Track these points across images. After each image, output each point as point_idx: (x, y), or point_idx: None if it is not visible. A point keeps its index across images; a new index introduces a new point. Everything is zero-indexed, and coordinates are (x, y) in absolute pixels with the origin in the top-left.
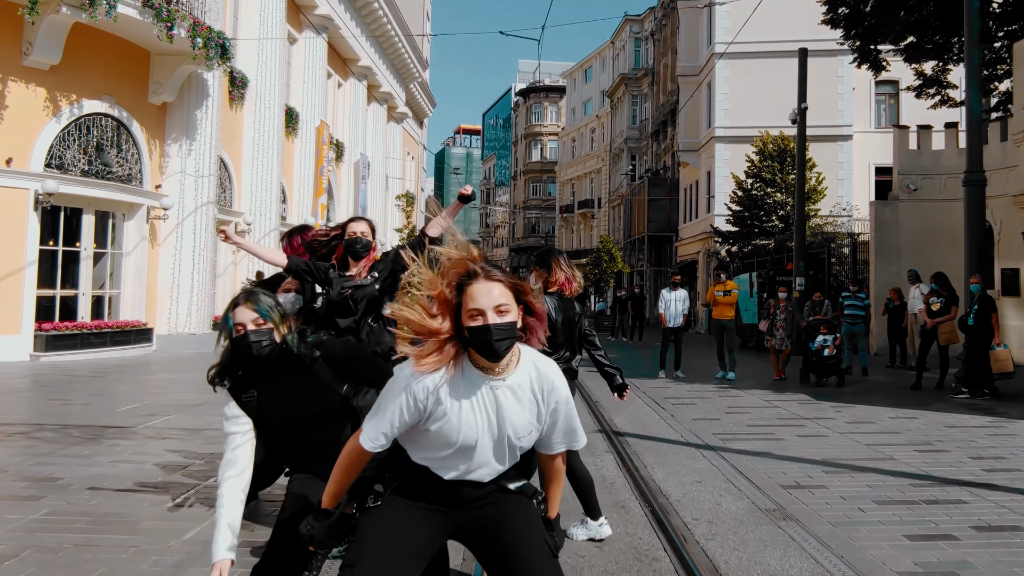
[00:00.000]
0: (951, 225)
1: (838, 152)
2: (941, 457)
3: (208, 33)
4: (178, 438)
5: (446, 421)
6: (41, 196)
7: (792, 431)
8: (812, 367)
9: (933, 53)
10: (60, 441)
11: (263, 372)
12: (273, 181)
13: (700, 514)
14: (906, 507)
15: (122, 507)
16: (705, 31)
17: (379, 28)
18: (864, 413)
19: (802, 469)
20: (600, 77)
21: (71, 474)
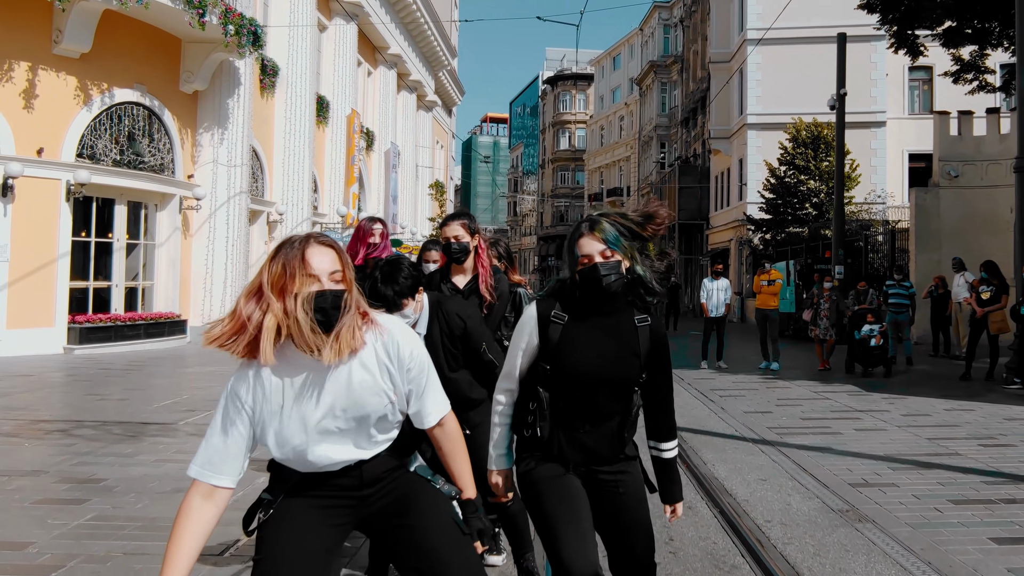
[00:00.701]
0: (993, 212)
1: (871, 139)
2: (1008, 452)
3: (240, 20)
4: None
5: None
6: (73, 187)
7: (848, 424)
8: (858, 357)
9: (972, 38)
10: (101, 439)
11: (591, 306)
12: (305, 170)
13: (771, 515)
14: (984, 507)
15: (170, 511)
16: (737, 17)
17: (408, 15)
18: (918, 405)
19: (867, 466)
20: (628, 65)
21: (115, 475)
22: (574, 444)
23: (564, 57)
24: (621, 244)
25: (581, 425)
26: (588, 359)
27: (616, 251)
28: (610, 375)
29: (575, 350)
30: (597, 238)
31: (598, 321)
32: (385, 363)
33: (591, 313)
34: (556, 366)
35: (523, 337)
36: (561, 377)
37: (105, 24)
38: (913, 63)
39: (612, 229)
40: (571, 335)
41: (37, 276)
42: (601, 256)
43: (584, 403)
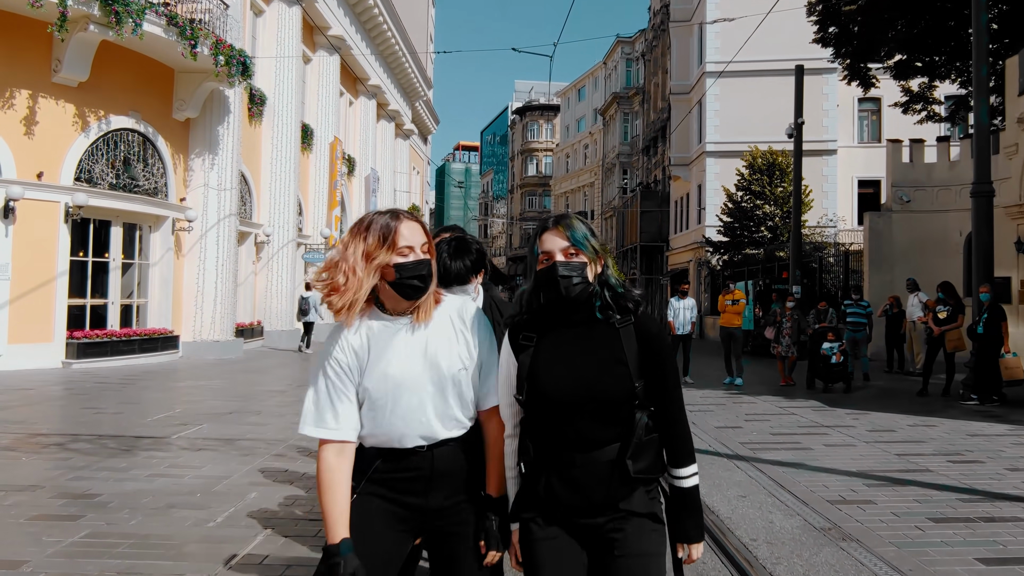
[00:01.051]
0: (943, 235)
1: (823, 166)
2: (978, 469)
3: (230, 51)
4: (212, 449)
5: None
6: (71, 209)
7: (817, 440)
8: (819, 373)
9: (922, 71)
10: (96, 453)
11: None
12: (290, 194)
13: (756, 533)
14: (964, 525)
15: (164, 527)
16: (696, 51)
17: (387, 48)
18: (882, 420)
19: (842, 482)
20: (593, 96)
21: (109, 490)
22: (566, 484)
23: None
24: (588, 244)
25: (570, 460)
26: (559, 378)
27: (582, 251)
28: (589, 393)
29: (545, 371)
30: (561, 234)
31: (568, 332)
32: (460, 328)
33: (559, 324)
34: (528, 394)
35: (503, 372)
36: (535, 406)
37: (102, 54)
38: (865, 94)
39: (581, 227)
40: (541, 355)
41: (37, 294)
42: (563, 254)
43: (567, 433)
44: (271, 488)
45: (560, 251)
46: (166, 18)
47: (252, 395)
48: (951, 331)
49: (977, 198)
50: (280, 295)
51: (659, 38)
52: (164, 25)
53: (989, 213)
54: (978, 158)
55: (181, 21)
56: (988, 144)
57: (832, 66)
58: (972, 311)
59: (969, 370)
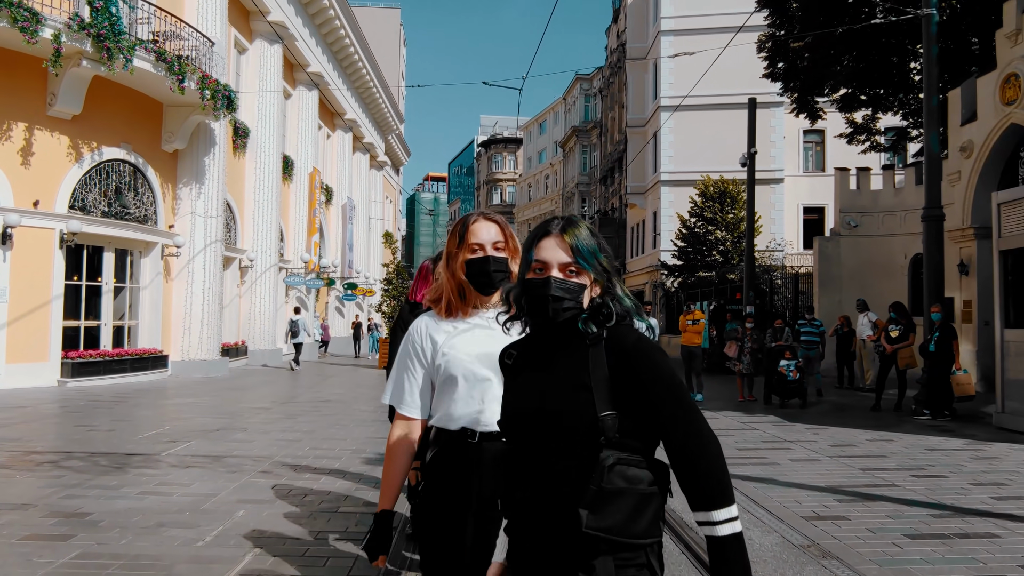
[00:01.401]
0: (888, 258)
1: (771, 194)
2: (943, 483)
3: (215, 86)
4: (201, 466)
5: None
6: (66, 235)
7: (783, 455)
8: (776, 389)
9: (867, 103)
10: (88, 471)
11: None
12: (272, 222)
13: None
14: (941, 542)
15: (153, 547)
16: (651, 87)
17: (363, 85)
18: (842, 435)
19: (813, 498)
20: (553, 129)
21: (100, 508)
22: (524, 541)
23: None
24: (596, 261)
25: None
26: (528, 401)
27: (585, 269)
28: (548, 421)
29: (517, 394)
30: (564, 245)
31: (549, 350)
32: None
33: (543, 340)
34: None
35: None
36: (505, 431)
37: (95, 89)
38: (812, 126)
39: (590, 239)
40: (518, 375)
41: (33, 316)
42: (561, 271)
43: (526, 473)
44: (259, 506)
45: (558, 266)
46: (155, 54)
47: (238, 412)
48: (903, 349)
49: (928, 222)
50: (263, 316)
51: (616, 75)
52: (153, 61)
53: (940, 236)
54: (928, 184)
55: (169, 57)
56: (939, 170)
57: (779, 100)
58: (923, 330)
59: (921, 386)
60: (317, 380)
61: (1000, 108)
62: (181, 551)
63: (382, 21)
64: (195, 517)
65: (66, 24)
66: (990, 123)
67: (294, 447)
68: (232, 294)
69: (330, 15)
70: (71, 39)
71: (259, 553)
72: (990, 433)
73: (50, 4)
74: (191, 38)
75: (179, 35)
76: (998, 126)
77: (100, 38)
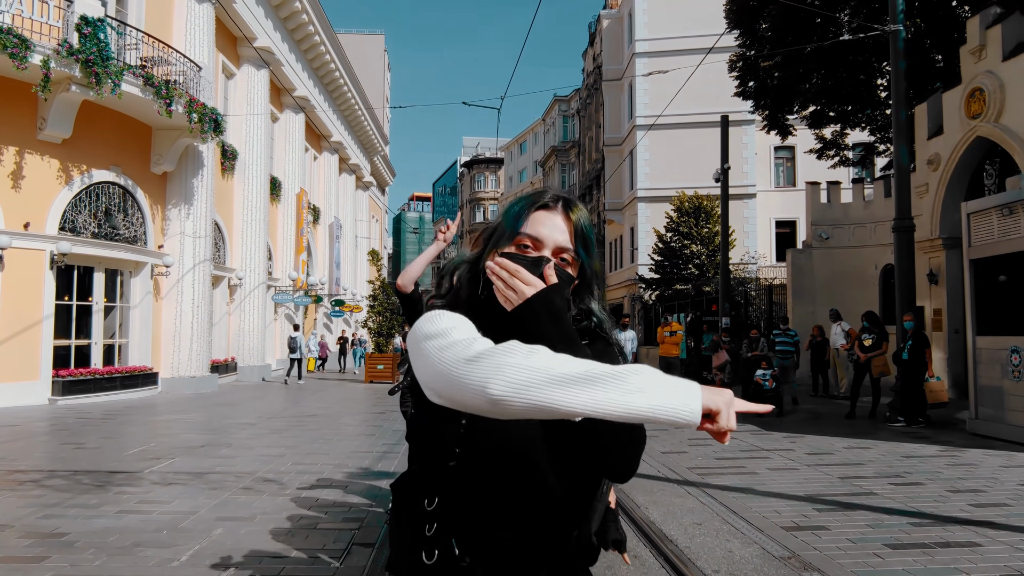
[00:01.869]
0: (859, 268)
1: (744, 208)
2: (921, 491)
3: (203, 109)
4: (183, 483)
5: None
6: (56, 256)
7: (761, 464)
8: (752, 398)
9: (835, 120)
10: (70, 489)
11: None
12: (260, 241)
13: (717, 564)
14: (922, 552)
15: (128, 568)
16: (627, 107)
17: (348, 109)
18: (819, 443)
19: (792, 507)
20: (533, 149)
21: (77, 528)
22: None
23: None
24: (592, 257)
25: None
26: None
27: (578, 260)
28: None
29: None
30: (567, 223)
31: None
32: None
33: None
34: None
35: None
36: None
37: (84, 113)
38: (783, 142)
39: (591, 227)
40: None
41: (24, 335)
42: (554, 254)
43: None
44: (238, 523)
45: (554, 248)
46: (143, 79)
47: (224, 428)
48: (876, 357)
49: (899, 232)
50: (252, 333)
51: (592, 96)
52: (141, 85)
53: (910, 246)
54: (898, 195)
55: (157, 82)
56: (908, 182)
57: (751, 117)
58: (896, 338)
59: (895, 394)
60: (304, 395)
61: (966, 122)
62: (154, 572)
63: (367, 47)
64: (172, 536)
65: (55, 50)
66: (956, 136)
67: (277, 463)
68: (222, 312)
69: (315, 41)
70: (60, 65)
71: (234, 573)
72: (965, 439)
73: (39, 31)
74: (178, 63)
75: (167, 60)
76: (964, 139)
77: (88, 64)
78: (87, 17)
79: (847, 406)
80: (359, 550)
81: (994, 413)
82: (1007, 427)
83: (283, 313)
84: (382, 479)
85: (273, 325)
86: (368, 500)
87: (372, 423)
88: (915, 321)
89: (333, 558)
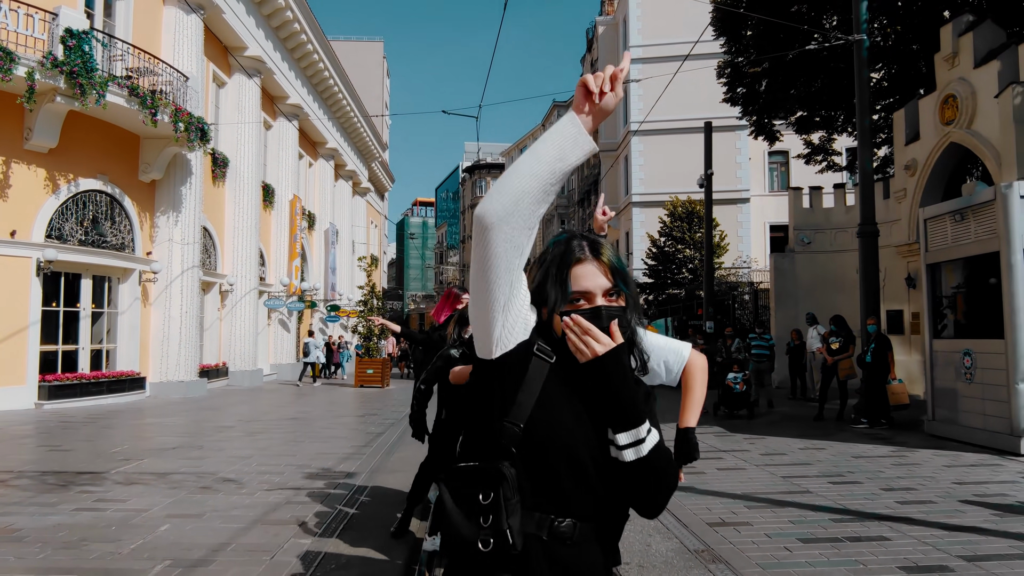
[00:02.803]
0: (841, 273)
1: (738, 213)
2: (855, 489)
3: (189, 119)
4: (144, 483)
5: None
6: (42, 263)
7: (712, 464)
8: (724, 401)
9: (821, 125)
10: (33, 489)
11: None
12: (252, 247)
13: (630, 557)
14: (831, 546)
15: (69, 560)
16: (622, 112)
17: (343, 116)
18: (776, 444)
19: (725, 505)
20: None
21: (30, 524)
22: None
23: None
24: (630, 284)
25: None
26: (566, 420)
27: (623, 292)
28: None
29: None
30: (604, 269)
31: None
32: None
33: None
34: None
35: None
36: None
37: (70, 123)
38: (771, 148)
39: (617, 257)
40: (551, 385)
41: (11, 341)
42: (604, 297)
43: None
44: (184, 520)
45: (602, 292)
46: (127, 90)
47: (201, 431)
48: (843, 360)
49: (863, 238)
50: (243, 339)
51: None
52: (126, 96)
53: (875, 251)
54: (863, 201)
55: (142, 92)
56: (872, 188)
57: (743, 123)
58: (861, 341)
59: (860, 396)
60: (291, 399)
61: (940, 128)
62: (93, 564)
63: (365, 54)
64: (119, 532)
65: (39, 62)
66: (931, 142)
67: (242, 464)
68: (213, 317)
69: (308, 49)
70: (44, 76)
71: (169, 564)
72: (920, 440)
73: (24, 44)
74: (165, 73)
75: (153, 71)
76: (938, 145)
77: (73, 75)
78: (72, 29)
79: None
80: (295, 544)
81: (949, 415)
82: (960, 428)
83: (276, 319)
84: (339, 479)
85: (266, 330)
86: (318, 500)
87: (348, 426)
88: (878, 324)
89: (267, 552)
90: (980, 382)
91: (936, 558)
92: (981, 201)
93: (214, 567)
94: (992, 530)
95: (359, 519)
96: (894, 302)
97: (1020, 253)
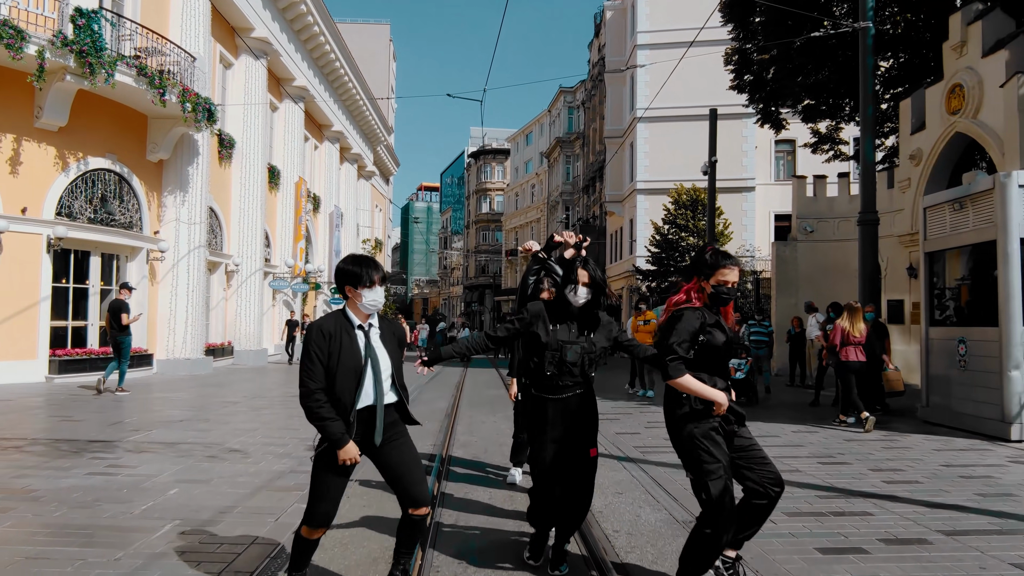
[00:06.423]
0: (844, 261)
1: (743, 202)
2: (844, 470)
3: (196, 99)
4: (154, 451)
5: None
6: (52, 240)
7: None
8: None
9: (827, 113)
10: (47, 455)
11: None
12: (257, 228)
13: (620, 525)
14: (815, 519)
15: (84, 519)
16: (628, 99)
17: (349, 99)
18: (769, 428)
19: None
20: (539, 141)
21: (46, 486)
22: None
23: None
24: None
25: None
26: None
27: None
28: None
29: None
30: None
31: None
32: None
33: None
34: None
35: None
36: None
37: (80, 102)
38: (777, 136)
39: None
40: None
41: (22, 316)
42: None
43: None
44: (192, 485)
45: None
46: (136, 69)
47: (207, 406)
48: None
49: (863, 226)
50: (248, 318)
51: (597, 87)
52: (134, 75)
53: (874, 240)
54: (864, 190)
55: (150, 72)
56: (874, 177)
57: (749, 111)
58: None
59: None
60: (295, 377)
61: (946, 117)
62: (106, 522)
63: (372, 36)
64: (131, 494)
65: (49, 41)
66: (937, 131)
67: (247, 436)
68: (219, 297)
69: (315, 31)
70: (54, 55)
71: (178, 523)
72: (913, 426)
73: (35, 22)
74: (173, 53)
75: (161, 51)
76: (944, 134)
77: (83, 54)
78: (81, 9)
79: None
80: (299, 508)
81: (942, 402)
82: (953, 414)
83: (281, 299)
84: None
85: (271, 311)
86: None
87: None
88: (875, 312)
89: (271, 515)
90: (973, 369)
91: (916, 532)
92: (979, 190)
93: (222, 526)
94: (974, 508)
95: (363, 485)
96: (896, 292)
97: (1017, 242)
